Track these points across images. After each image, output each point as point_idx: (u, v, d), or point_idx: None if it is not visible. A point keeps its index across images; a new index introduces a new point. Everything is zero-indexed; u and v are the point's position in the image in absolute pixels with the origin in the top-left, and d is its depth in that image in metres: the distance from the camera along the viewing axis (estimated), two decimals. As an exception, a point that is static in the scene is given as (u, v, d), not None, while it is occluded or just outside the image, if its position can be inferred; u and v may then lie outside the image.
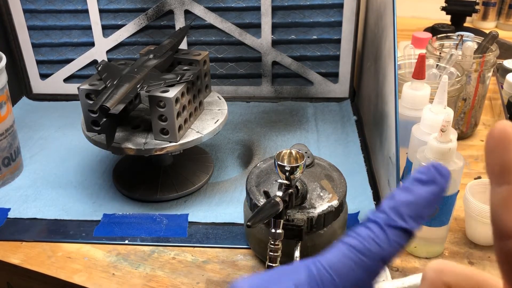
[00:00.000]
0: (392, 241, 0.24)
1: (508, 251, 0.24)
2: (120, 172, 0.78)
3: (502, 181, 0.24)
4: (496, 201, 0.24)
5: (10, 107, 0.76)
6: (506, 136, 0.23)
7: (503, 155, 0.23)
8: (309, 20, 0.92)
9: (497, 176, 0.24)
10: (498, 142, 0.23)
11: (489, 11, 1.32)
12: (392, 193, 0.25)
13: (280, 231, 0.53)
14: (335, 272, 0.24)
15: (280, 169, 0.54)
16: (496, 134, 0.24)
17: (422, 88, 0.66)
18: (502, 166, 0.24)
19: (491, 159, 0.24)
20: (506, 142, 0.23)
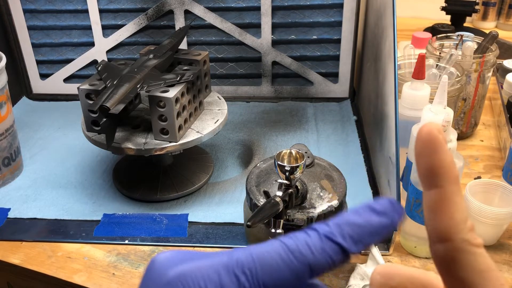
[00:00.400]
0: (325, 252, 0.23)
1: (441, 255, 0.23)
2: (120, 172, 0.78)
3: (431, 184, 0.23)
4: (427, 205, 0.24)
5: (10, 107, 0.76)
6: (432, 139, 0.23)
7: (430, 158, 0.23)
8: (309, 20, 0.92)
9: (427, 180, 0.23)
10: (425, 145, 0.23)
11: (489, 11, 1.32)
12: (342, 214, 0.25)
13: (280, 231, 0.53)
14: (260, 261, 0.23)
15: (280, 169, 0.54)
16: (423, 137, 0.23)
17: (422, 88, 0.66)
18: (430, 169, 0.23)
19: (420, 162, 0.23)
20: (433, 145, 0.23)
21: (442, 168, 0.23)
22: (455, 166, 0.23)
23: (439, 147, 0.23)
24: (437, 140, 0.23)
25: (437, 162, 0.23)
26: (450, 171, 0.23)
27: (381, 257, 0.59)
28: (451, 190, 0.23)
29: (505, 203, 0.63)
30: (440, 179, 0.23)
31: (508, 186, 0.64)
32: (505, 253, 0.62)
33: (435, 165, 0.23)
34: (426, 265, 0.61)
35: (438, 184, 0.23)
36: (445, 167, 0.23)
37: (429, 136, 0.23)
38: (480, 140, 0.86)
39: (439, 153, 0.23)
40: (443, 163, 0.23)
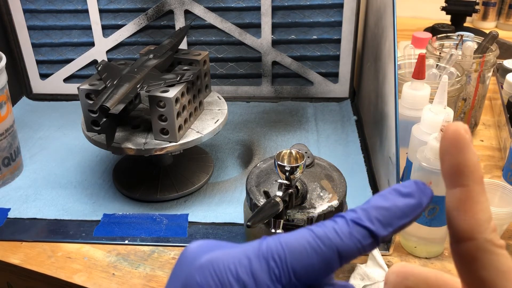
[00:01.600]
0: (353, 237, 0.23)
1: (463, 254, 0.24)
2: (120, 172, 0.78)
3: (456, 183, 0.23)
4: (451, 203, 0.24)
5: (10, 107, 0.76)
6: (460, 138, 0.23)
7: (456, 157, 0.23)
8: (309, 20, 0.92)
9: (451, 178, 0.24)
10: (452, 143, 0.23)
11: (489, 11, 1.32)
12: (369, 199, 0.25)
13: (280, 231, 0.52)
14: (288, 248, 0.23)
15: (280, 169, 0.54)
16: (450, 136, 0.23)
17: (422, 88, 0.66)
18: (455, 168, 0.23)
19: (445, 161, 0.24)
20: (460, 144, 0.23)
21: (468, 167, 0.23)
22: (480, 167, 0.24)
23: (467, 146, 0.23)
24: (465, 139, 0.23)
25: (463, 161, 0.23)
26: (476, 171, 0.23)
27: (381, 257, 0.59)
28: (476, 190, 0.23)
29: (505, 203, 0.63)
30: (465, 178, 0.23)
31: (508, 186, 0.64)
32: (505, 253, 0.62)
33: (461, 164, 0.23)
34: (426, 265, 0.61)
35: (463, 183, 0.23)
36: (471, 166, 0.23)
37: (456, 134, 0.23)
38: (480, 140, 0.86)
39: (466, 152, 0.23)
40: (469, 162, 0.23)
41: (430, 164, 0.57)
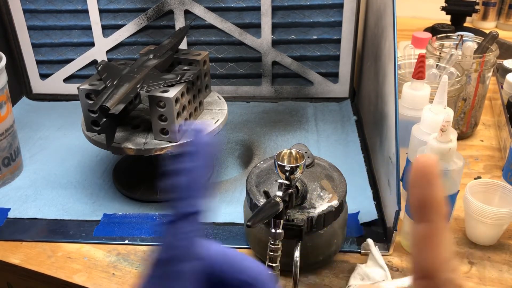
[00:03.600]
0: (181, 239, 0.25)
1: None
2: (120, 172, 0.78)
3: (422, 218, 0.23)
4: (415, 238, 0.23)
5: (10, 107, 0.76)
6: (428, 171, 0.23)
7: (424, 190, 0.23)
8: (309, 20, 0.92)
9: (418, 212, 0.23)
10: (421, 176, 0.23)
11: (489, 11, 1.32)
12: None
13: (280, 231, 0.52)
14: None
15: (280, 169, 0.54)
16: (419, 169, 0.23)
17: (422, 88, 0.66)
18: (423, 202, 0.23)
19: (413, 194, 0.23)
20: (427, 178, 0.23)
21: (435, 202, 0.23)
22: (445, 203, 0.23)
23: (434, 181, 0.23)
24: (433, 173, 0.23)
25: (431, 196, 0.23)
26: (442, 207, 0.23)
27: (381, 257, 0.59)
28: (440, 226, 0.23)
29: (505, 203, 0.63)
30: (431, 213, 0.23)
31: (508, 186, 0.64)
32: (505, 253, 0.62)
33: (429, 199, 0.23)
34: (426, 265, 0.61)
35: (429, 219, 0.23)
36: (438, 201, 0.23)
37: (426, 168, 0.23)
38: (480, 140, 0.86)
39: (433, 186, 0.23)
40: (436, 197, 0.23)
41: (430, 164, 0.56)
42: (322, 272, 0.60)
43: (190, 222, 0.25)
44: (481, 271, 0.60)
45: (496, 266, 0.61)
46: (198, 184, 0.25)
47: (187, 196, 0.25)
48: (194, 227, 0.25)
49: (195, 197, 0.25)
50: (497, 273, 0.60)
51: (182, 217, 0.25)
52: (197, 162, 0.25)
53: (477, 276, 0.59)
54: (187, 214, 0.25)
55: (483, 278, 0.59)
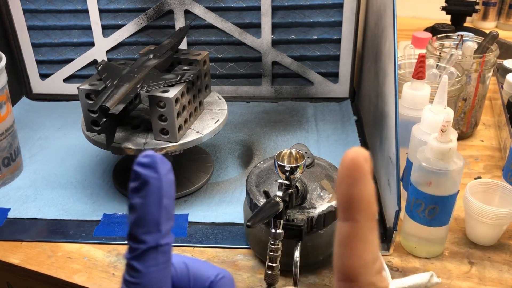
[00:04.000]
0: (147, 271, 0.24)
1: None
2: (120, 172, 0.78)
3: (347, 216, 0.22)
4: (339, 238, 0.22)
5: (10, 107, 0.76)
6: (356, 167, 0.21)
7: (351, 188, 0.21)
8: (309, 20, 0.92)
9: (343, 211, 0.22)
10: (348, 173, 0.21)
11: (489, 11, 1.32)
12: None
13: (280, 231, 0.52)
14: None
15: (280, 169, 0.54)
16: (347, 164, 0.21)
17: (422, 88, 0.66)
18: (349, 201, 0.21)
19: (340, 191, 0.22)
20: (356, 175, 0.21)
21: (362, 202, 0.21)
22: (375, 201, 0.22)
23: (362, 177, 0.21)
24: (361, 169, 0.21)
25: (358, 194, 0.21)
26: (369, 206, 0.22)
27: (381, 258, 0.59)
28: (366, 227, 0.22)
29: (505, 203, 0.63)
30: (357, 213, 0.21)
31: (508, 186, 0.64)
32: (505, 253, 0.62)
33: (355, 197, 0.21)
34: (426, 265, 0.61)
35: (354, 218, 0.22)
36: (365, 200, 0.21)
37: (353, 163, 0.21)
38: (480, 140, 0.86)
39: (361, 184, 0.21)
40: (363, 196, 0.21)
41: (430, 164, 0.57)
42: (322, 272, 0.60)
43: (158, 253, 0.24)
44: (481, 271, 0.60)
45: (496, 266, 0.61)
46: (149, 218, 0.23)
47: (141, 231, 0.24)
48: (163, 258, 0.24)
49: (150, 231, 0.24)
50: (497, 273, 0.60)
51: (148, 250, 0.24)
52: (147, 197, 0.23)
53: (477, 276, 0.59)
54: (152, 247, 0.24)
55: (483, 278, 0.59)
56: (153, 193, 0.23)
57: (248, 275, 0.60)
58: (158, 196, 0.23)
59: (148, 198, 0.23)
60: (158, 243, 0.24)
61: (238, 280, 0.60)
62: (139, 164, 0.23)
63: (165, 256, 0.24)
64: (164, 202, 0.24)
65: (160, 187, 0.23)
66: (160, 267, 0.24)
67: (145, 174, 0.23)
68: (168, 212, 0.24)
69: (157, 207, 0.24)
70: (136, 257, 0.24)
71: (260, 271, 0.61)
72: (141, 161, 0.23)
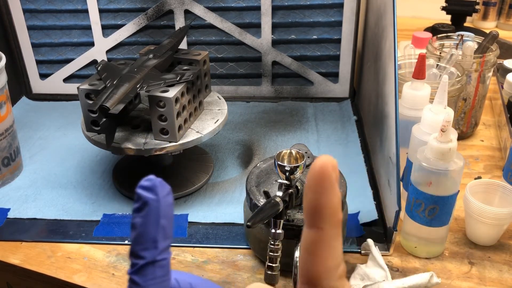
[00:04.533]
0: (146, 284, 0.25)
1: None
2: (120, 172, 0.78)
3: (313, 223, 0.22)
4: (304, 244, 0.23)
5: (10, 107, 0.76)
6: (324, 176, 0.22)
7: (318, 196, 0.22)
8: (309, 20, 0.92)
9: (309, 217, 0.22)
10: (315, 181, 0.22)
11: (489, 11, 1.32)
12: None
13: (280, 231, 0.52)
14: None
15: (280, 169, 0.54)
16: (315, 172, 0.22)
17: (422, 88, 0.66)
18: (314, 208, 0.22)
19: (307, 198, 0.22)
20: (323, 183, 0.22)
21: (326, 209, 0.22)
22: (340, 209, 0.22)
23: (329, 186, 0.22)
24: (328, 178, 0.22)
25: (323, 202, 0.22)
26: (334, 214, 0.22)
27: (381, 258, 0.59)
28: (330, 234, 0.22)
29: (505, 203, 0.63)
30: (322, 220, 0.22)
31: (508, 186, 0.64)
32: (505, 253, 0.62)
33: (321, 205, 0.22)
34: (426, 265, 0.61)
35: (319, 225, 0.22)
36: (331, 208, 0.22)
37: (321, 172, 0.22)
38: (480, 140, 0.86)
39: (328, 193, 0.22)
40: (328, 204, 0.22)
41: (430, 164, 0.57)
42: (322, 272, 0.60)
43: (156, 268, 0.25)
44: (481, 271, 0.60)
45: (496, 266, 0.61)
46: (147, 236, 0.25)
47: (140, 247, 0.25)
48: (160, 272, 0.26)
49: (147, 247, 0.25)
50: (497, 273, 0.60)
51: (146, 265, 0.25)
52: (146, 217, 0.25)
53: (477, 276, 0.59)
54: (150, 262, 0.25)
55: (483, 278, 0.59)
56: (152, 213, 0.25)
57: (248, 275, 0.60)
58: (156, 216, 0.25)
59: (147, 218, 0.25)
60: (155, 259, 0.25)
61: (238, 281, 0.60)
62: (141, 187, 0.26)
63: (162, 271, 0.26)
64: (161, 222, 0.25)
65: (158, 208, 0.25)
66: (157, 281, 0.25)
67: (146, 196, 0.26)
68: (166, 231, 0.26)
69: (155, 226, 0.25)
70: (136, 271, 0.25)
71: (260, 271, 0.61)
72: (142, 185, 0.26)
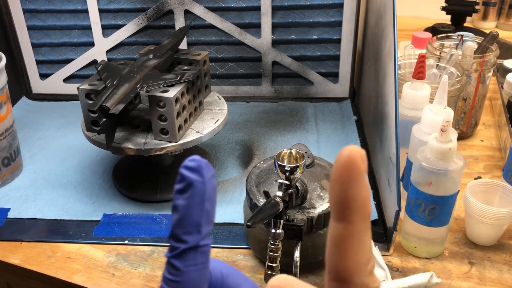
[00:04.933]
0: (187, 269, 0.24)
1: None
2: (120, 172, 0.78)
3: (341, 217, 0.21)
4: (332, 238, 0.22)
5: (10, 107, 0.76)
6: (353, 167, 0.21)
7: (347, 188, 0.21)
8: (309, 20, 0.92)
9: (337, 211, 0.21)
10: (344, 172, 0.21)
11: (489, 11, 1.32)
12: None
13: (280, 231, 0.52)
14: None
15: (280, 169, 0.54)
16: (343, 163, 0.21)
17: (422, 88, 0.66)
18: (343, 200, 0.21)
19: (334, 190, 0.21)
20: (352, 174, 0.21)
21: (357, 202, 0.21)
22: (369, 202, 0.22)
23: (358, 177, 0.21)
24: (358, 169, 0.20)
25: (353, 194, 0.21)
26: (364, 207, 0.21)
27: (381, 258, 0.59)
28: (360, 228, 0.21)
29: (505, 203, 0.63)
30: (352, 213, 0.21)
31: (508, 186, 0.64)
32: (505, 253, 0.62)
33: (350, 197, 0.21)
34: (426, 265, 0.61)
35: (348, 219, 0.21)
36: (361, 200, 0.21)
37: (350, 162, 0.20)
38: (480, 140, 0.86)
39: (357, 184, 0.21)
40: (359, 196, 0.21)
41: (430, 164, 0.57)
42: (322, 272, 0.60)
43: (197, 253, 0.24)
44: (481, 271, 0.60)
45: (496, 266, 0.61)
46: (191, 219, 0.24)
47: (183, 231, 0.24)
48: (202, 259, 0.25)
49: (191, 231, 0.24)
50: (497, 273, 0.60)
51: (188, 250, 0.24)
52: (191, 199, 0.24)
53: (477, 276, 0.59)
54: (192, 247, 0.24)
55: (483, 278, 0.59)
56: (197, 195, 0.24)
57: (248, 275, 0.60)
58: (201, 199, 0.24)
59: (192, 200, 0.24)
60: (198, 244, 0.24)
61: (238, 280, 0.60)
62: (186, 167, 0.24)
63: (204, 257, 0.25)
64: (206, 205, 0.24)
65: (204, 190, 0.24)
66: (198, 267, 0.24)
67: (191, 177, 0.24)
68: (209, 216, 0.24)
69: (199, 210, 0.24)
70: (176, 255, 0.24)
71: (260, 271, 0.61)
72: (187, 165, 0.24)
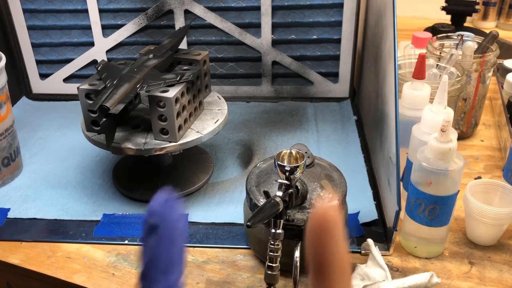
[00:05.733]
0: None
1: None
2: (120, 172, 0.78)
3: (319, 275, 0.21)
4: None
5: (10, 107, 0.76)
6: (326, 228, 0.20)
7: (321, 250, 0.20)
8: (309, 20, 0.92)
9: (315, 270, 0.21)
10: (317, 233, 0.20)
11: (489, 11, 1.32)
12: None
13: (280, 231, 0.52)
14: None
15: (280, 169, 0.54)
16: (316, 223, 0.20)
17: (422, 88, 0.66)
18: (319, 262, 0.21)
19: (309, 252, 0.21)
20: (326, 236, 0.20)
21: (333, 263, 0.20)
22: (348, 259, 0.21)
23: (333, 239, 0.20)
24: (331, 230, 0.20)
25: (329, 257, 0.20)
26: (342, 265, 0.21)
27: (381, 258, 0.59)
28: (339, 283, 0.21)
29: (505, 203, 0.63)
30: (329, 273, 0.21)
31: (508, 186, 0.64)
32: (505, 253, 0.62)
33: (327, 259, 0.20)
34: (426, 265, 0.61)
35: (326, 277, 0.21)
36: (337, 261, 0.20)
37: (323, 225, 0.20)
38: (480, 140, 0.86)
39: (332, 245, 0.20)
40: (335, 258, 0.20)
41: (430, 164, 0.56)
42: (322, 272, 0.60)
43: None
44: (481, 271, 0.60)
45: (496, 266, 0.61)
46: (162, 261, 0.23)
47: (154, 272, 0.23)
48: None
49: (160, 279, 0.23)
50: (497, 273, 0.60)
51: None
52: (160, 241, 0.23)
53: (477, 276, 0.59)
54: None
55: (483, 278, 0.59)
56: (165, 238, 0.23)
57: (248, 275, 0.60)
58: (169, 242, 0.23)
59: (160, 242, 0.23)
60: (169, 286, 0.24)
61: (238, 281, 0.60)
62: (149, 212, 0.24)
63: None
64: (175, 247, 0.24)
65: (171, 233, 0.23)
66: None
67: (155, 222, 0.23)
68: (180, 256, 0.24)
69: (169, 251, 0.24)
70: None
71: (260, 271, 0.61)
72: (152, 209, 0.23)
